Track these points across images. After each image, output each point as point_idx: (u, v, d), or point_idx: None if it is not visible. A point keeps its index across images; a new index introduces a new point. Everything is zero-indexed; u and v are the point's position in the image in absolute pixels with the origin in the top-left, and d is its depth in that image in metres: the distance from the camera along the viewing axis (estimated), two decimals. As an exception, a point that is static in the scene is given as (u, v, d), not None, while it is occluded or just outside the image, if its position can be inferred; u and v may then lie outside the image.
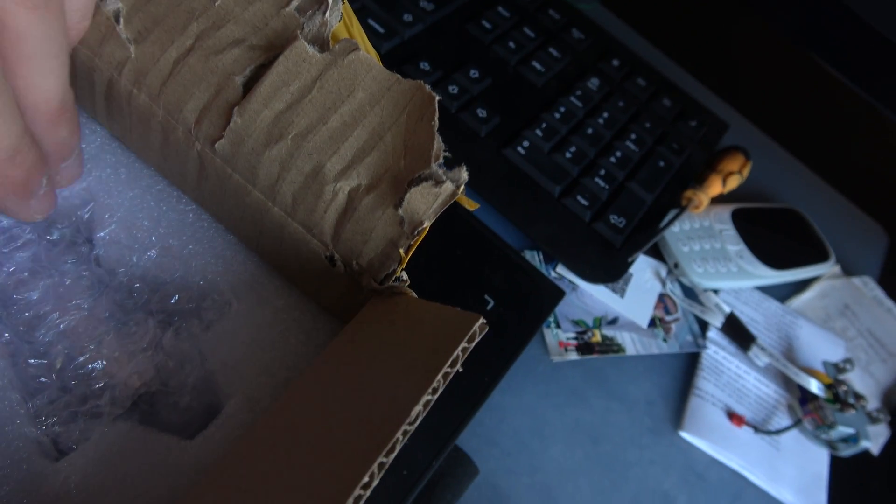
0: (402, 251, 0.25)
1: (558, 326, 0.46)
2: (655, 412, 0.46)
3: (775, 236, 0.56)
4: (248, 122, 0.26)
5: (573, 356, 0.45)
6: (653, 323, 0.49)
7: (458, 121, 0.49)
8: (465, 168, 0.25)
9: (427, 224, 0.24)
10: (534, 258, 0.47)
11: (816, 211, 0.60)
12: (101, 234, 0.29)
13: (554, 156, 0.50)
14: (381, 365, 0.23)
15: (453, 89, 0.49)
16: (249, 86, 0.26)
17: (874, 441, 0.52)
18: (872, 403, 0.54)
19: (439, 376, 0.21)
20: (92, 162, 0.30)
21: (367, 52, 0.30)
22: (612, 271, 0.48)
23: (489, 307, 0.42)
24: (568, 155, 0.50)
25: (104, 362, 0.26)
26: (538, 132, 0.50)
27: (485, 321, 0.23)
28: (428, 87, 0.26)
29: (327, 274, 0.27)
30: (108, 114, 0.30)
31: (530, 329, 0.43)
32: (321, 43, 0.26)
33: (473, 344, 0.23)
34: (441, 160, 0.25)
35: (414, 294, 0.25)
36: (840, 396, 0.48)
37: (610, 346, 0.46)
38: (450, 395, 0.38)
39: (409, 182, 0.25)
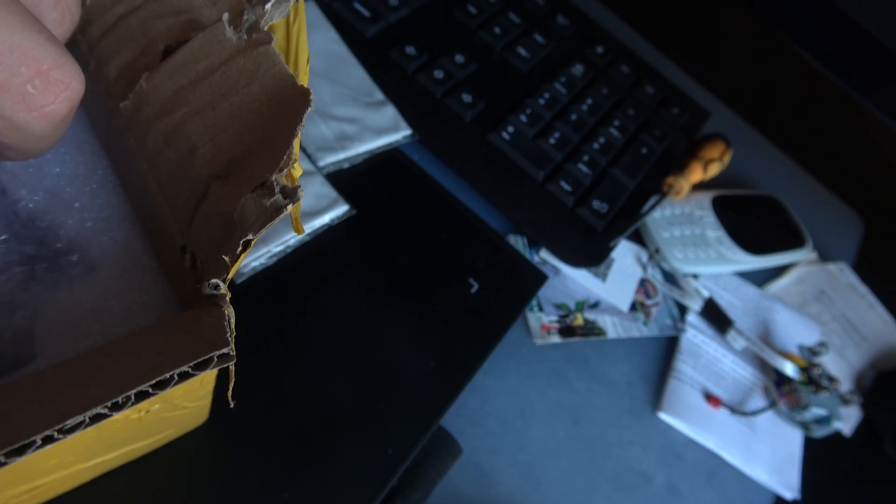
0: (227, 260, 0.23)
1: (541, 310, 0.46)
2: (635, 394, 0.47)
3: (754, 223, 0.57)
4: (152, 89, 0.26)
5: (556, 339, 0.45)
6: (633, 307, 0.50)
7: (444, 106, 0.49)
8: (301, 189, 0.23)
9: (252, 238, 0.22)
10: (517, 242, 0.48)
11: (794, 198, 0.61)
12: (8, 164, 0.28)
13: (538, 141, 0.51)
14: (122, 360, 0.22)
15: (439, 74, 0.50)
16: (168, 55, 0.26)
17: (846, 422, 0.54)
18: (845, 386, 0.55)
19: (131, 393, 0.20)
20: None
21: (297, 50, 0.28)
22: (594, 256, 0.48)
23: (473, 290, 0.43)
24: (552, 141, 0.51)
25: None
26: (523, 118, 0.51)
27: (231, 353, 0.22)
28: (311, 97, 0.25)
29: (182, 265, 0.26)
30: None
31: (514, 312, 0.44)
32: (253, 31, 0.26)
33: (201, 373, 0.21)
34: (284, 172, 0.23)
35: (229, 310, 0.23)
36: (814, 379, 0.49)
37: (591, 330, 0.47)
38: (435, 377, 0.39)
39: (253, 188, 0.23)
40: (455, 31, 0.54)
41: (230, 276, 0.23)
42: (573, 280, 0.49)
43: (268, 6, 0.26)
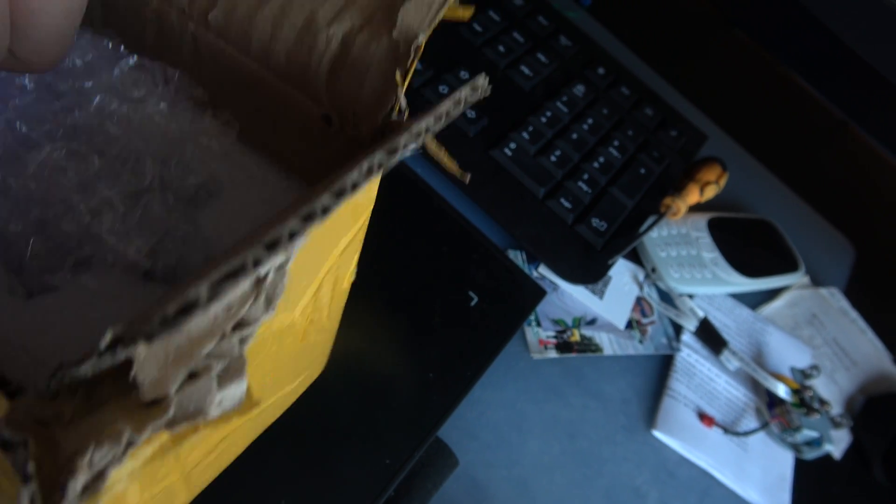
0: (398, 79, 0.24)
1: (539, 325, 0.47)
2: (630, 411, 0.47)
3: (748, 246, 0.58)
4: None
5: (552, 354, 0.46)
6: (630, 325, 0.50)
7: (448, 127, 0.50)
8: None
9: (422, 38, 0.23)
10: (517, 257, 0.48)
11: (788, 223, 0.62)
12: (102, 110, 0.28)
13: (539, 158, 0.51)
14: None
15: (443, 89, 0.50)
16: None
17: (836, 445, 0.54)
18: (836, 409, 0.56)
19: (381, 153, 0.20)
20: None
21: None
22: (592, 273, 0.49)
23: (473, 303, 0.43)
24: (553, 158, 0.52)
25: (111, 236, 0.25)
26: (525, 135, 0.51)
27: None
28: None
29: (325, 140, 0.27)
30: (103, 19, 0.29)
31: (512, 326, 0.44)
32: None
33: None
34: None
35: (415, 123, 0.24)
36: (806, 401, 0.49)
37: (588, 346, 0.47)
38: (433, 388, 0.39)
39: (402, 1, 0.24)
40: (460, 47, 0.55)
41: (403, 89, 0.23)
42: (571, 296, 0.49)
43: None
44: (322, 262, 0.24)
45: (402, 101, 0.24)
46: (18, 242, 0.24)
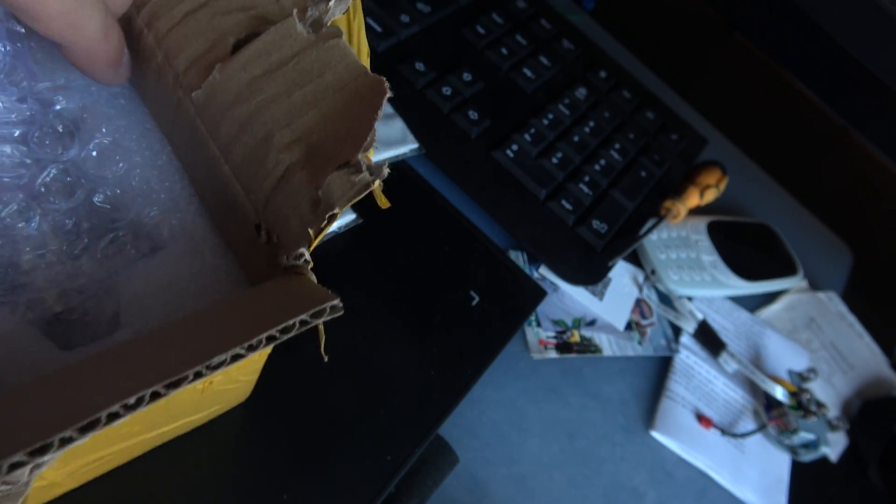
0: (311, 232, 0.25)
1: (539, 325, 0.47)
2: (629, 411, 0.47)
3: (748, 249, 0.58)
4: (225, 79, 0.27)
5: (552, 354, 0.46)
6: (629, 326, 0.51)
7: (450, 121, 0.50)
8: (386, 167, 0.25)
9: (338, 210, 0.25)
10: (518, 258, 0.49)
11: (787, 227, 0.63)
12: (86, 146, 0.30)
13: (541, 160, 0.52)
14: (233, 318, 0.24)
15: (447, 91, 0.51)
16: (238, 48, 0.28)
17: (833, 448, 0.54)
18: (832, 412, 0.56)
19: (262, 336, 0.21)
20: (97, 85, 0.31)
21: (359, 44, 0.31)
22: (592, 274, 0.49)
23: (474, 303, 0.44)
24: (554, 160, 0.52)
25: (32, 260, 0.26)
26: (527, 136, 0.52)
27: (339, 304, 0.23)
28: (386, 85, 0.26)
29: (255, 242, 0.28)
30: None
31: (513, 326, 0.45)
32: (318, 26, 0.28)
33: (318, 321, 0.23)
34: (370, 151, 0.26)
35: (312, 277, 0.25)
36: (803, 404, 0.50)
37: (588, 347, 0.48)
38: (434, 387, 0.40)
39: (334, 167, 0.26)
40: (464, 49, 0.55)
41: (313, 246, 0.25)
42: (571, 297, 0.50)
43: (331, 3, 0.28)
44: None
45: (307, 255, 0.25)
46: None
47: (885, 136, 0.56)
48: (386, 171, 0.25)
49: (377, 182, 0.25)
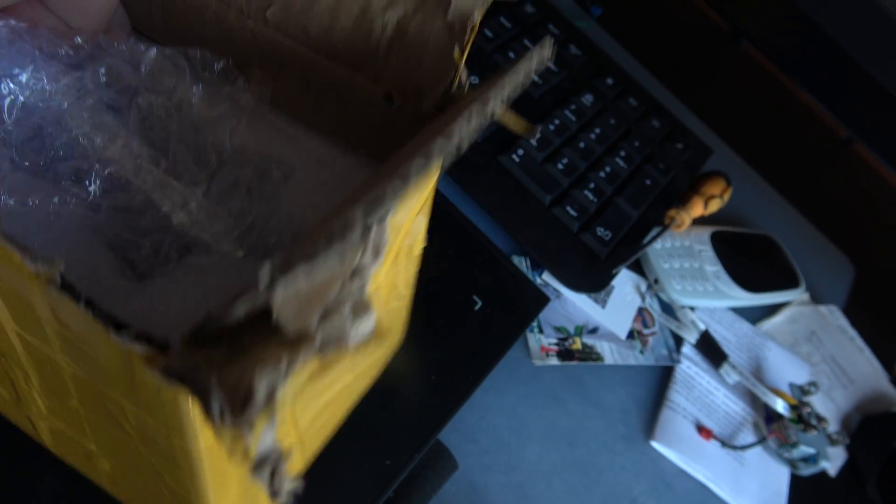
0: (456, 55, 0.25)
1: (541, 332, 0.47)
2: (629, 420, 0.47)
3: (751, 261, 0.58)
4: None
5: (554, 361, 0.46)
6: (631, 335, 0.50)
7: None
8: None
9: (477, 16, 0.25)
10: (521, 263, 0.49)
11: (790, 240, 0.63)
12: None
13: (546, 166, 0.51)
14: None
15: (454, 93, 0.50)
16: None
17: (832, 462, 0.54)
18: (832, 427, 0.56)
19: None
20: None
21: None
22: (595, 282, 0.49)
23: (477, 307, 0.43)
24: (560, 166, 0.52)
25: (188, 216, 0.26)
26: (533, 142, 0.52)
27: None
28: None
29: (388, 120, 0.28)
30: (164, 24, 0.31)
31: (515, 332, 0.44)
32: None
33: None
34: None
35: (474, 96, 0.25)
36: (804, 417, 0.50)
37: (589, 354, 0.48)
38: (435, 391, 0.39)
39: None
40: (471, 52, 0.55)
41: (462, 64, 0.25)
42: (573, 304, 0.49)
43: None
44: (401, 225, 0.25)
45: (464, 74, 0.26)
46: (126, 247, 0.25)
47: (892, 148, 0.56)
48: None
49: None
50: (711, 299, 0.55)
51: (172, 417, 0.17)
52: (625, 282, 0.53)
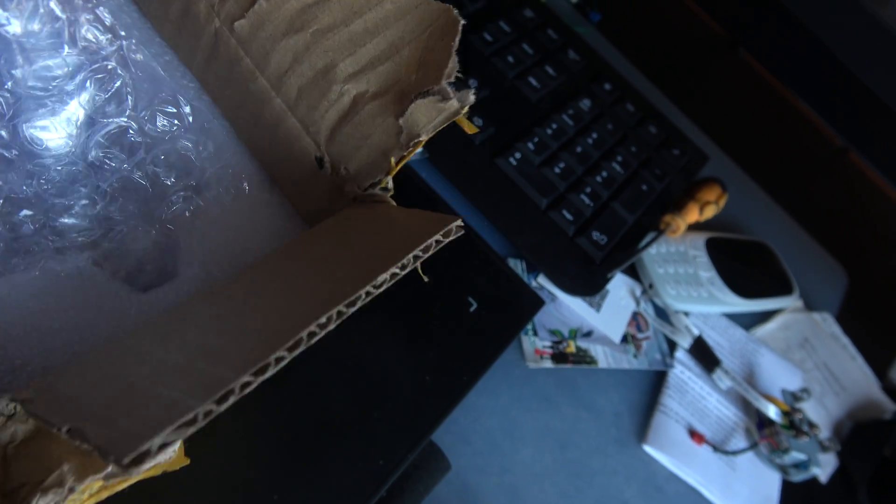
0: (393, 161, 0.25)
1: (535, 334, 0.47)
2: (622, 424, 0.47)
3: (745, 267, 0.58)
4: (274, 7, 0.26)
5: (548, 364, 0.46)
6: (625, 339, 0.51)
7: (455, 127, 0.50)
8: (472, 90, 0.24)
9: (424, 138, 0.24)
10: (517, 266, 0.49)
11: (784, 247, 0.63)
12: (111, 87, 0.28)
13: (543, 169, 0.52)
14: (351, 247, 0.23)
15: (452, 96, 0.51)
16: None
17: (823, 469, 0.54)
18: (824, 433, 0.56)
19: (410, 256, 0.22)
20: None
21: None
22: (590, 285, 0.49)
23: (472, 309, 0.44)
24: (556, 170, 0.52)
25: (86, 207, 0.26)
26: (530, 145, 0.52)
27: (462, 224, 0.24)
28: (455, 12, 0.25)
29: (313, 176, 0.27)
30: None
31: (509, 334, 0.44)
32: None
33: (447, 240, 0.23)
34: (452, 78, 0.25)
35: (392, 203, 0.25)
36: (796, 423, 0.50)
37: (583, 358, 0.48)
38: (429, 392, 0.39)
39: (416, 95, 0.25)
40: (470, 56, 0.55)
41: (393, 173, 0.24)
42: (568, 307, 0.49)
43: None
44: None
45: (390, 182, 0.25)
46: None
47: (887, 158, 0.56)
48: (472, 97, 0.24)
49: (465, 108, 0.24)
50: (705, 305, 0.55)
51: None
52: (619, 286, 0.53)
